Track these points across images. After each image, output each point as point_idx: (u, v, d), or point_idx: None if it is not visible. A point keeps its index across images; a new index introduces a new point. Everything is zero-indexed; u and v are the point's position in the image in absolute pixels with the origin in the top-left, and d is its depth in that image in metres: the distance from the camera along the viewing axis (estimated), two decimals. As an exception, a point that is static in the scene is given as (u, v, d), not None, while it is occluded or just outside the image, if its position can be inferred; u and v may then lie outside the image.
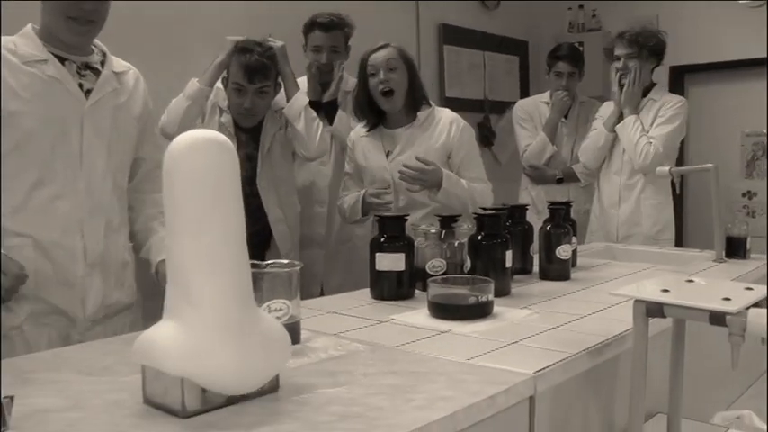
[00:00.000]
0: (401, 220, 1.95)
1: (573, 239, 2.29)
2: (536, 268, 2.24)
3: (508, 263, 1.94)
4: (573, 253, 2.29)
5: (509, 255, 1.94)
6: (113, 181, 1.98)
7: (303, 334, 1.48)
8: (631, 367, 1.34)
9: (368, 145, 2.69)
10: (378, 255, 1.91)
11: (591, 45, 5.14)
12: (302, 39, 3.16)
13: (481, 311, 1.67)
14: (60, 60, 1.89)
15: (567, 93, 3.70)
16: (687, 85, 5.18)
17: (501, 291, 1.86)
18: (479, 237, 1.93)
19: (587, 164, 3.48)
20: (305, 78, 3.08)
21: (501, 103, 5.20)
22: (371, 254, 1.93)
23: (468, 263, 1.94)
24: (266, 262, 1.41)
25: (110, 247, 1.96)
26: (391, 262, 1.89)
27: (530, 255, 2.26)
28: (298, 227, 2.96)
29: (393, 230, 1.92)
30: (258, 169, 2.75)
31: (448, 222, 2.07)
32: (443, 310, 1.67)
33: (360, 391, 1.17)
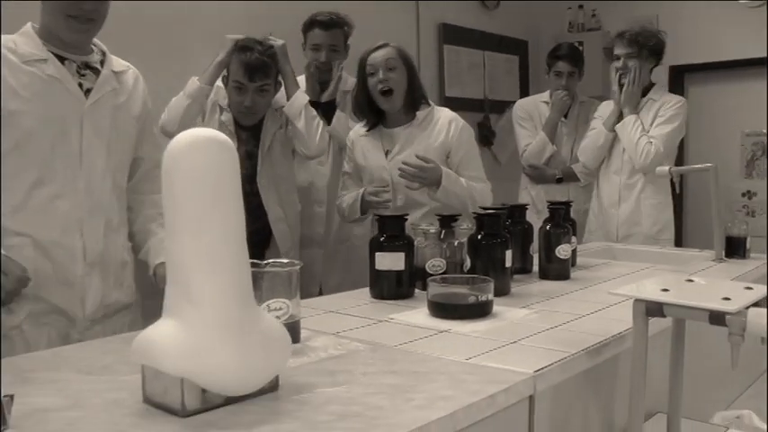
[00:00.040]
0: (401, 220, 1.95)
1: (573, 239, 2.29)
2: (536, 268, 2.24)
3: (508, 262, 1.94)
4: (572, 252, 2.29)
5: (509, 254, 1.94)
6: (113, 180, 1.98)
7: (303, 333, 1.48)
8: (631, 367, 1.34)
9: (367, 144, 2.69)
10: (377, 254, 1.91)
11: (591, 45, 5.15)
12: (301, 38, 3.16)
13: (481, 311, 1.68)
14: (60, 60, 1.89)
15: (567, 92, 3.70)
16: (687, 85, 5.18)
17: (501, 290, 1.86)
18: (479, 236, 1.93)
19: (587, 163, 3.48)
20: (303, 77, 3.08)
21: (501, 103, 5.20)
22: (371, 253, 1.93)
23: (467, 262, 1.94)
24: (266, 261, 1.41)
25: (109, 247, 1.96)
26: (391, 261, 1.89)
27: (529, 254, 2.26)
28: (298, 226, 2.96)
29: (393, 230, 1.92)
30: (258, 167, 2.74)
31: (447, 222, 2.07)
32: (443, 310, 1.67)
33: (359, 391, 1.17)
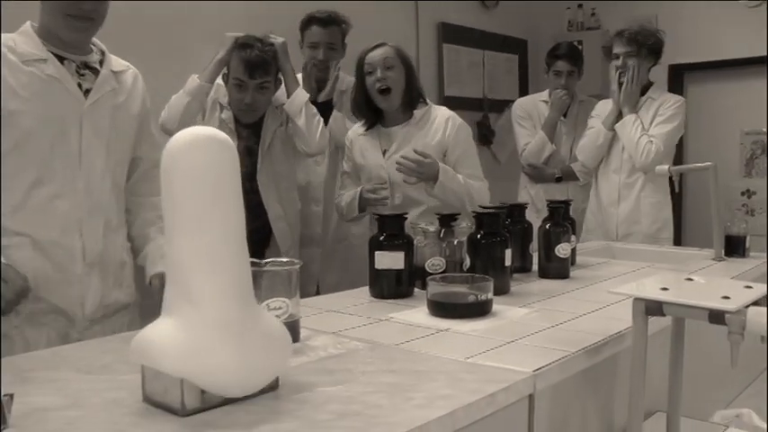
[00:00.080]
0: (400, 219, 1.94)
1: (572, 238, 2.29)
2: (535, 267, 2.24)
3: (507, 261, 1.94)
4: (572, 251, 2.29)
5: (508, 253, 1.94)
6: (112, 180, 1.98)
7: (302, 332, 1.48)
8: (631, 366, 1.34)
9: (365, 143, 2.70)
10: (377, 253, 1.91)
11: (590, 44, 5.14)
12: (299, 38, 3.15)
13: (480, 310, 1.67)
14: (59, 59, 1.89)
15: (566, 91, 3.69)
16: (686, 84, 5.18)
17: (500, 289, 1.86)
18: (479, 235, 1.93)
19: (586, 162, 3.48)
20: (300, 77, 3.08)
21: (500, 102, 5.20)
22: (371, 252, 1.93)
23: (467, 261, 1.94)
24: (265, 260, 1.41)
25: (108, 247, 1.96)
26: (391, 260, 1.89)
27: (529, 253, 2.26)
28: (298, 224, 2.96)
29: (392, 229, 1.92)
30: (258, 165, 2.74)
31: (447, 221, 2.06)
32: (443, 309, 1.67)
33: (359, 390, 1.17)
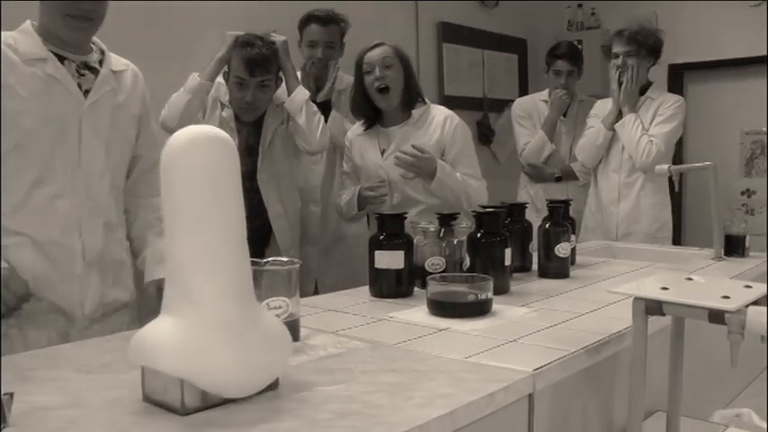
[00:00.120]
0: (400, 218, 1.94)
1: (572, 237, 2.29)
2: (535, 266, 2.24)
3: (507, 261, 1.94)
4: (572, 251, 2.29)
5: (508, 253, 1.94)
6: (111, 180, 1.98)
7: (302, 332, 1.48)
8: (630, 365, 1.34)
9: (364, 143, 2.70)
10: (377, 252, 1.91)
11: (590, 43, 5.14)
12: (298, 37, 3.15)
13: (480, 309, 1.67)
14: (59, 59, 1.88)
15: (566, 91, 3.69)
16: (686, 83, 5.18)
17: (500, 289, 1.86)
18: (478, 235, 1.93)
19: (585, 162, 3.47)
20: (299, 75, 3.07)
21: (500, 101, 5.20)
22: (371, 251, 1.93)
23: (467, 261, 1.94)
24: (265, 260, 1.41)
25: (108, 246, 1.96)
26: (390, 260, 1.89)
27: (529, 253, 2.26)
28: (298, 223, 2.96)
29: (392, 228, 1.92)
30: (259, 164, 2.75)
31: (447, 220, 2.06)
32: (442, 308, 1.67)
33: (359, 389, 1.17)
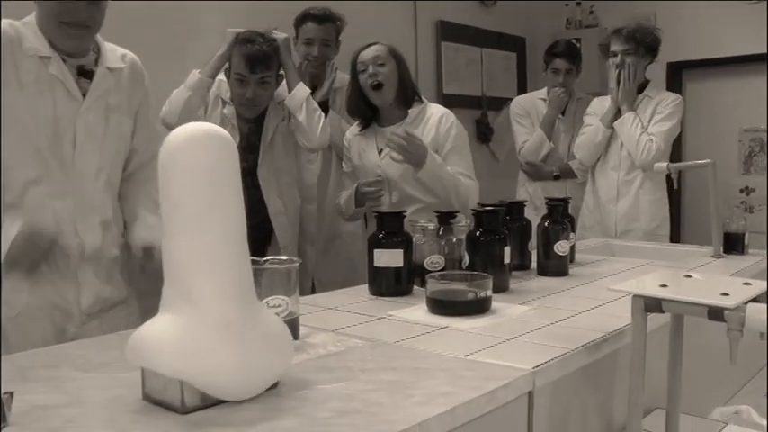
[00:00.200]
0: (399, 217, 1.95)
1: (571, 235, 2.29)
2: (534, 264, 2.25)
3: (506, 259, 1.94)
4: (571, 249, 2.29)
5: (507, 251, 1.94)
6: (107, 179, 1.97)
7: (302, 330, 1.48)
8: (630, 362, 1.34)
9: (362, 143, 2.71)
10: (376, 251, 1.91)
11: (588, 42, 5.13)
12: (294, 35, 3.15)
13: (480, 307, 1.68)
14: (62, 59, 1.88)
15: (564, 89, 3.69)
16: (685, 82, 5.18)
17: (499, 287, 1.86)
18: (477, 233, 1.93)
19: (584, 160, 3.47)
20: None
21: (498, 100, 5.20)
22: (370, 250, 1.93)
23: (466, 259, 1.94)
24: (265, 258, 1.41)
25: (103, 244, 1.96)
26: (390, 258, 1.89)
27: (528, 251, 2.26)
28: (297, 220, 2.96)
29: (391, 227, 1.93)
30: (260, 160, 2.75)
31: (446, 218, 2.06)
32: (442, 306, 1.68)
33: (359, 387, 1.17)
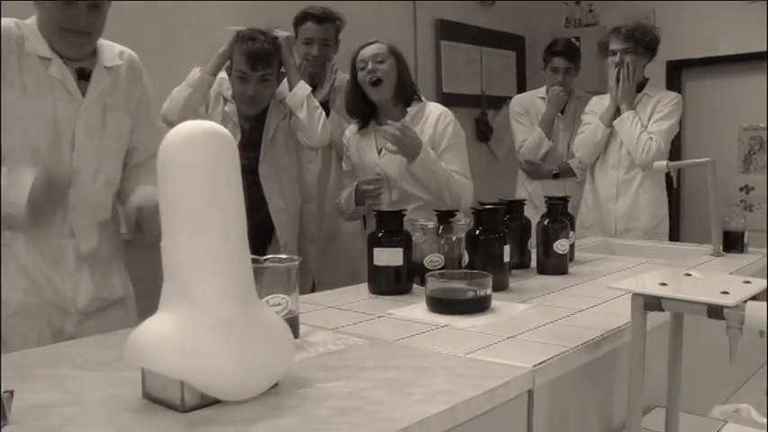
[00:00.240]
0: (399, 215, 1.95)
1: (570, 234, 2.29)
2: (534, 263, 2.25)
3: (506, 257, 1.94)
4: (570, 247, 2.29)
5: (507, 249, 1.94)
6: (105, 179, 1.97)
7: (302, 329, 1.48)
8: (629, 361, 1.34)
9: (361, 142, 2.71)
10: (376, 250, 1.91)
11: (587, 40, 5.14)
12: (293, 34, 3.15)
13: (479, 306, 1.68)
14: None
15: (564, 88, 3.69)
16: (684, 80, 5.18)
17: (499, 285, 1.87)
18: (477, 232, 1.94)
19: (583, 159, 3.47)
20: None
21: (498, 99, 5.20)
22: (369, 249, 1.93)
23: (465, 258, 1.94)
24: (265, 257, 1.41)
25: (101, 244, 1.96)
26: (389, 257, 1.89)
27: (527, 249, 2.27)
28: (298, 218, 2.96)
29: (391, 225, 1.93)
30: (261, 158, 2.75)
31: (446, 217, 2.06)
32: (442, 305, 1.68)
33: (359, 386, 1.17)
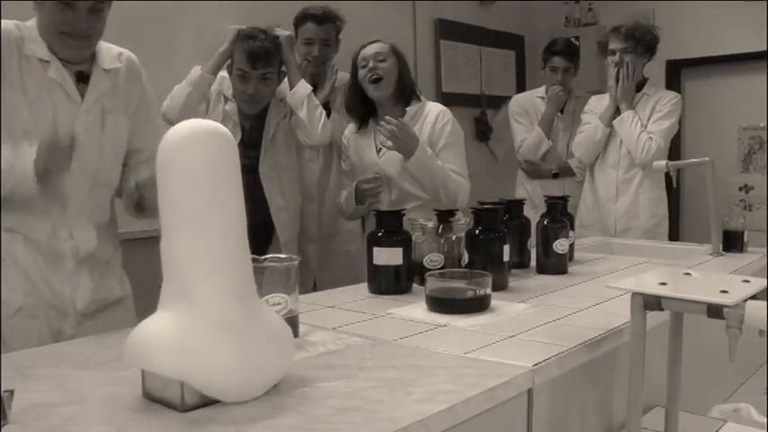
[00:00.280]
0: (398, 215, 1.95)
1: (570, 233, 2.29)
2: (533, 262, 2.25)
3: (505, 257, 1.94)
4: (570, 247, 2.29)
5: (506, 249, 1.94)
6: (104, 181, 1.97)
7: (301, 328, 1.49)
8: (629, 360, 1.34)
9: (360, 142, 2.72)
10: (375, 249, 1.91)
11: (587, 40, 5.14)
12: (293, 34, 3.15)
13: (479, 305, 1.68)
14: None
15: (563, 87, 3.70)
16: (684, 80, 5.18)
17: (498, 285, 1.87)
18: (477, 231, 1.94)
19: (583, 158, 3.47)
20: None
21: (497, 98, 5.19)
22: (369, 248, 1.93)
23: (465, 257, 1.94)
24: (264, 256, 1.41)
25: (99, 245, 1.96)
26: (389, 256, 1.90)
27: (527, 249, 2.26)
28: (298, 217, 2.96)
29: (391, 225, 1.93)
30: (261, 157, 2.75)
31: (445, 217, 2.07)
32: (441, 305, 1.68)
33: (359, 385, 1.17)
